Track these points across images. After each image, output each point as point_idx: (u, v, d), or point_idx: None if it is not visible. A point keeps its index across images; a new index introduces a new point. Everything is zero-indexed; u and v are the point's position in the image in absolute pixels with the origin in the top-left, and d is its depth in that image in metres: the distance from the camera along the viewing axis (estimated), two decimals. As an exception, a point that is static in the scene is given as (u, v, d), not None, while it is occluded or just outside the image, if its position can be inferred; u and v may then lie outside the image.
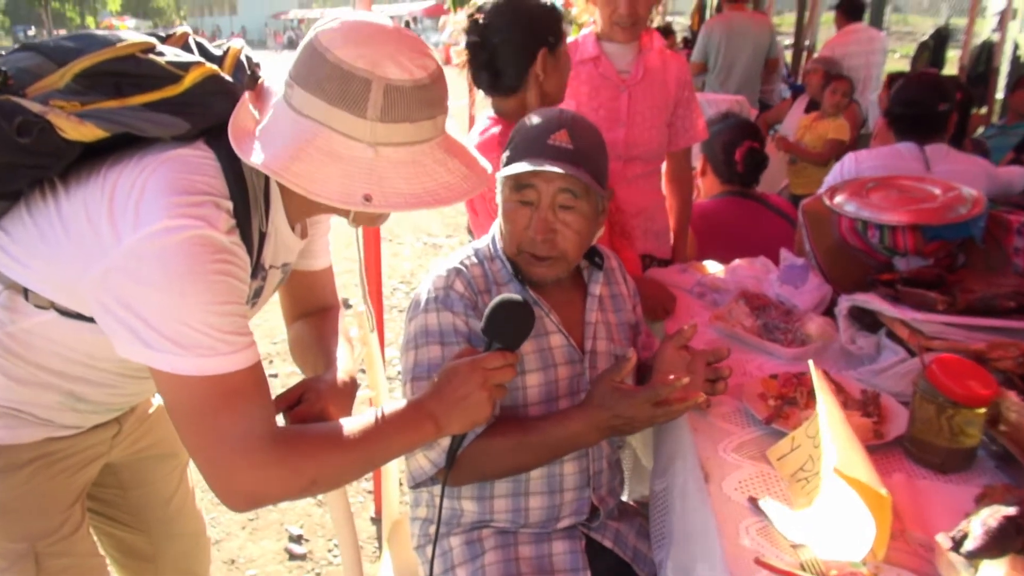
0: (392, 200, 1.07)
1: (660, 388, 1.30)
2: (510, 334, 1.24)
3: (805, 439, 1.32)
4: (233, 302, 1.07)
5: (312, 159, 1.06)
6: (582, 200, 1.44)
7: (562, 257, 1.47)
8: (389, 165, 1.08)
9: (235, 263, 1.08)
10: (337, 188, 1.05)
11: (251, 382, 1.08)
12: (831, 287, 2.04)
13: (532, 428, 1.40)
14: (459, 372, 1.20)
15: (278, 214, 1.25)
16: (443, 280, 1.48)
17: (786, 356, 1.84)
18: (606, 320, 1.61)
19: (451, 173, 1.14)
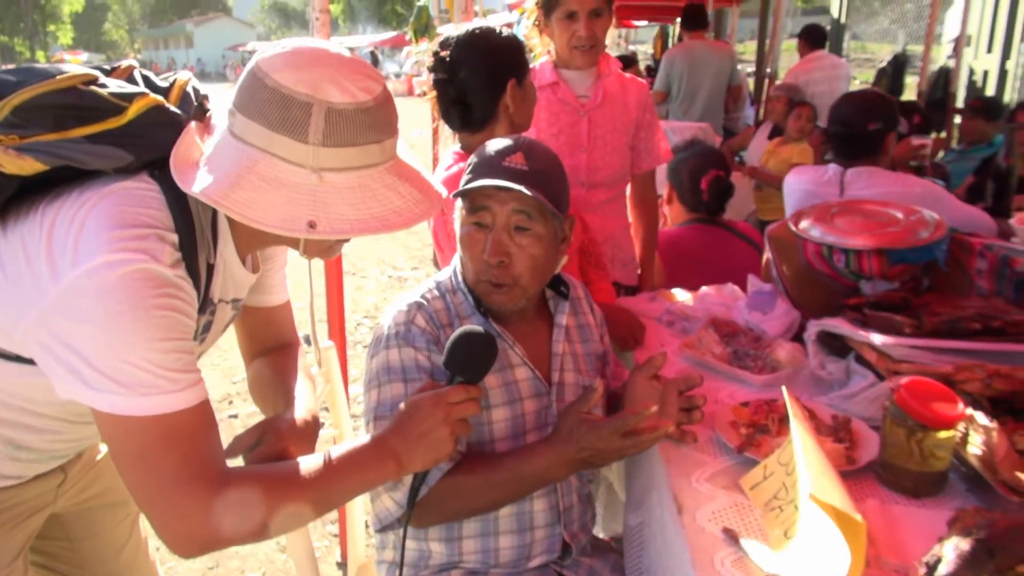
0: (337, 226, 1.07)
1: (628, 418, 1.30)
2: (472, 367, 1.23)
3: (777, 467, 1.33)
4: (177, 338, 1.06)
5: (253, 186, 1.05)
6: (538, 223, 1.45)
7: (516, 284, 1.47)
8: (334, 191, 1.08)
9: (180, 297, 1.07)
10: (279, 215, 1.05)
11: (197, 421, 1.07)
12: (799, 312, 2.07)
13: (499, 465, 1.40)
14: (420, 407, 1.20)
15: (227, 247, 1.24)
16: (404, 315, 1.48)
17: (757, 383, 1.86)
18: (573, 351, 1.62)
19: (402, 198, 1.14)
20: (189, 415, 1.06)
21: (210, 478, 1.06)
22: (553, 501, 1.52)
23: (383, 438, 1.19)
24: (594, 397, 1.36)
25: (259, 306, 1.52)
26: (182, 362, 1.06)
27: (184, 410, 1.05)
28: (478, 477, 1.38)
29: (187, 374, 1.07)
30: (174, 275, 1.07)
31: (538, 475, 1.38)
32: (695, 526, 1.30)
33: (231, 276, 1.29)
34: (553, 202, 1.45)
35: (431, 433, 1.18)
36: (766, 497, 1.32)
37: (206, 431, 1.08)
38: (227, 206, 1.05)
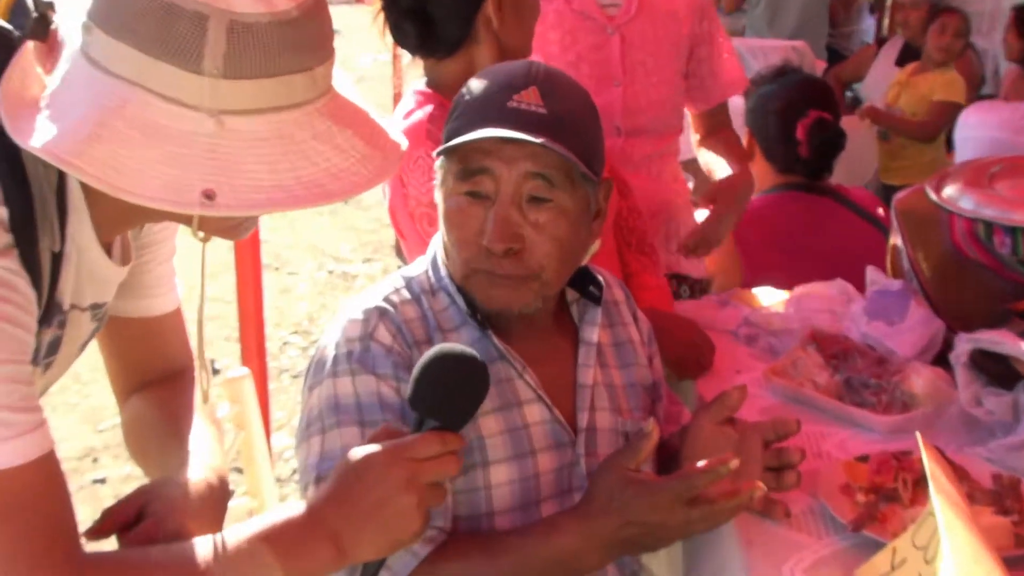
0: (246, 197, 1.07)
1: (696, 477, 1.31)
2: (451, 405, 1.23)
3: (912, 551, 1.34)
4: (10, 360, 1.07)
5: (120, 137, 1.05)
6: (562, 192, 1.45)
7: (535, 276, 1.47)
8: (241, 143, 1.08)
9: (12, 301, 1.08)
10: (159, 180, 1.05)
11: (40, 482, 1.07)
12: (943, 322, 2.08)
13: (503, 547, 1.40)
14: (373, 465, 1.19)
15: (81, 227, 1.24)
16: (360, 326, 1.48)
17: (881, 428, 1.86)
18: (609, 381, 1.62)
19: (341, 153, 1.14)
20: (27, 473, 1.06)
21: (56, 566, 1.05)
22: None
23: (315, 509, 1.19)
24: (646, 446, 1.37)
25: (135, 316, 1.53)
26: (16, 396, 1.06)
27: (20, 467, 1.05)
28: (471, 565, 1.38)
29: (23, 414, 1.07)
30: (3, 268, 1.07)
31: (561, 562, 1.38)
32: (789, 640, 1.31)
33: (89, 271, 1.29)
34: (585, 160, 1.45)
35: (388, 504, 1.17)
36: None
37: (52, 496, 1.09)
38: (81, 167, 1.04)
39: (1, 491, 1.04)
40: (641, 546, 1.38)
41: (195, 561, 1.13)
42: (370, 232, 7.76)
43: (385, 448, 1.20)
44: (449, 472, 1.20)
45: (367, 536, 1.18)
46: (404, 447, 1.20)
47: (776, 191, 3.01)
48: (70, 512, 1.12)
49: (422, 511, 1.18)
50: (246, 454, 2.03)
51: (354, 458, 1.21)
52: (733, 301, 2.46)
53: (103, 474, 4.18)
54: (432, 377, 1.22)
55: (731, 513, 1.34)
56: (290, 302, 6.30)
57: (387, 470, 1.18)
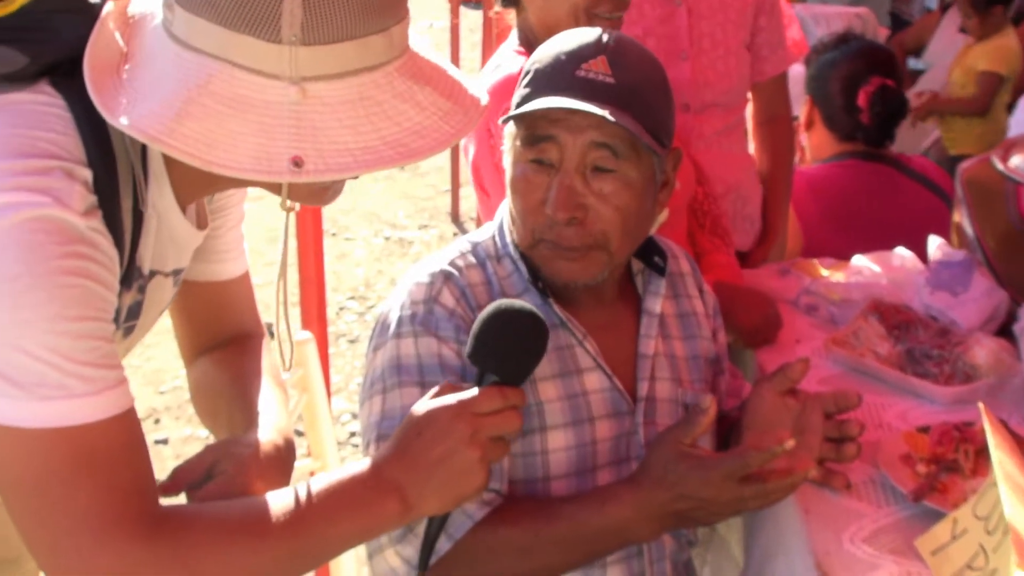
0: (335, 160, 1.08)
1: (751, 455, 1.31)
2: (511, 359, 1.24)
3: (973, 522, 1.33)
4: (92, 317, 1.08)
5: (208, 112, 1.07)
6: (627, 161, 1.46)
7: (600, 246, 1.48)
8: (325, 109, 1.09)
9: (96, 259, 1.09)
10: (249, 152, 1.06)
11: (121, 439, 1.09)
12: (1007, 293, 2.06)
13: (556, 514, 1.41)
14: (435, 421, 1.20)
15: (162, 192, 1.26)
16: (424, 289, 1.50)
17: (943, 399, 1.85)
18: (670, 352, 1.63)
19: (423, 111, 1.14)
20: (108, 429, 1.07)
21: (137, 520, 1.07)
22: (636, 570, 1.54)
23: (380, 467, 1.20)
24: (703, 421, 1.37)
25: (206, 280, 1.55)
26: (99, 353, 1.07)
27: (101, 422, 1.07)
28: (525, 530, 1.40)
29: (106, 370, 1.08)
30: (87, 227, 1.09)
31: (614, 532, 1.40)
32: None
33: (169, 235, 1.31)
34: (651, 131, 1.45)
35: (451, 458, 1.18)
36: (956, 566, 1.33)
37: (131, 452, 1.10)
38: (173, 145, 1.06)
39: (83, 445, 1.06)
40: (693, 520, 1.39)
41: (267, 515, 1.16)
42: (426, 199, 7.79)
43: (447, 403, 1.21)
44: (511, 427, 1.21)
45: (431, 490, 1.19)
46: (466, 402, 1.20)
47: (836, 159, 2.98)
48: (148, 468, 1.14)
49: (485, 465, 1.19)
50: (308, 417, 2.06)
51: (417, 414, 1.22)
52: (793, 271, 2.44)
53: (165, 435, 4.25)
54: (492, 331, 1.23)
55: (784, 492, 1.35)
56: (347, 267, 6.34)
57: (450, 425, 1.19)
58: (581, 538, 1.40)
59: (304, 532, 1.16)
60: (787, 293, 2.34)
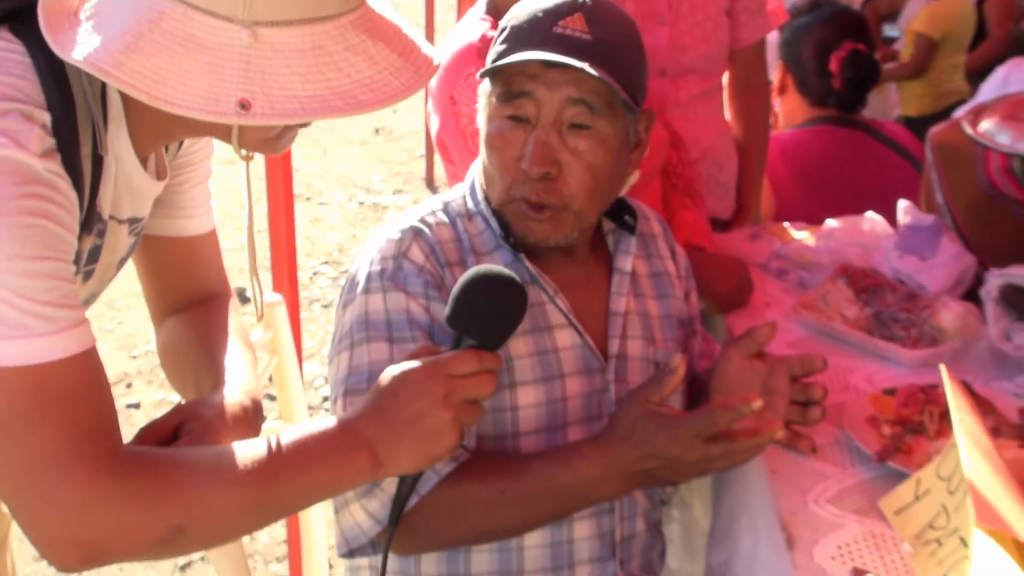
0: (281, 106, 1.08)
1: (719, 414, 1.31)
2: (490, 325, 1.25)
3: (936, 482, 1.35)
4: (52, 257, 1.08)
5: (159, 49, 1.07)
6: (603, 118, 1.46)
7: (567, 206, 1.48)
8: (275, 54, 1.09)
9: (54, 200, 1.10)
10: (197, 92, 1.07)
11: (81, 378, 1.09)
12: (975, 258, 2.07)
13: (523, 471, 1.42)
14: (410, 381, 1.21)
15: (119, 136, 1.26)
16: (394, 245, 1.50)
17: (909, 362, 1.87)
18: (643, 310, 1.63)
19: (374, 64, 1.15)
20: (69, 368, 1.08)
21: (103, 457, 1.08)
22: (606, 527, 1.55)
23: (353, 422, 1.21)
24: (671, 380, 1.37)
25: (172, 235, 1.55)
26: (58, 293, 1.08)
27: (62, 361, 1.07)
28: (491, 487, 1.41)
29: (66, 310, 1.08)
30: (45, 169, 1.09)
31: (581, 489, 1.40)
32: (812, 566, 1.33)
33: (126, 182, 1.31)
34: (627, 88, 1.46)
35: (424, 418, 1.19)
36: (918, 526, 1.34)
37: (94, 391, 1.11)
38: (121, 78, 1.06)
39: (43, 384, 1.06)
40: (659, 479, 1.39)
41: (236, 460, 1.16)
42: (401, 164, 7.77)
43: (422, 364, 1.22)
44: (485, 390, 1.22)
45: (403, 449, 1.20)
46: (441, 363, 1.21)
47: (809, 125, 2.98)
48: (110, 406, 1.14)
49: (457, 427, 1.21)
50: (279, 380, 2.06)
51: (391, 374, 1.23)
52: (764, 235, 2.45)
53: (137, 399, 4.25)
54: (471, 296, 1.24)
55: (751, 452, 1.35)
56: (321, 232, 6.34)
57: (423, 385, 1.20)
58: (547, 495, 1.41)
59: (273, 480, 1.16)
60: (757, 257, 2.34)
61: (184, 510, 1.11)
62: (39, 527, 1.07)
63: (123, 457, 1.11)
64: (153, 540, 1.10)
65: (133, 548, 1.11)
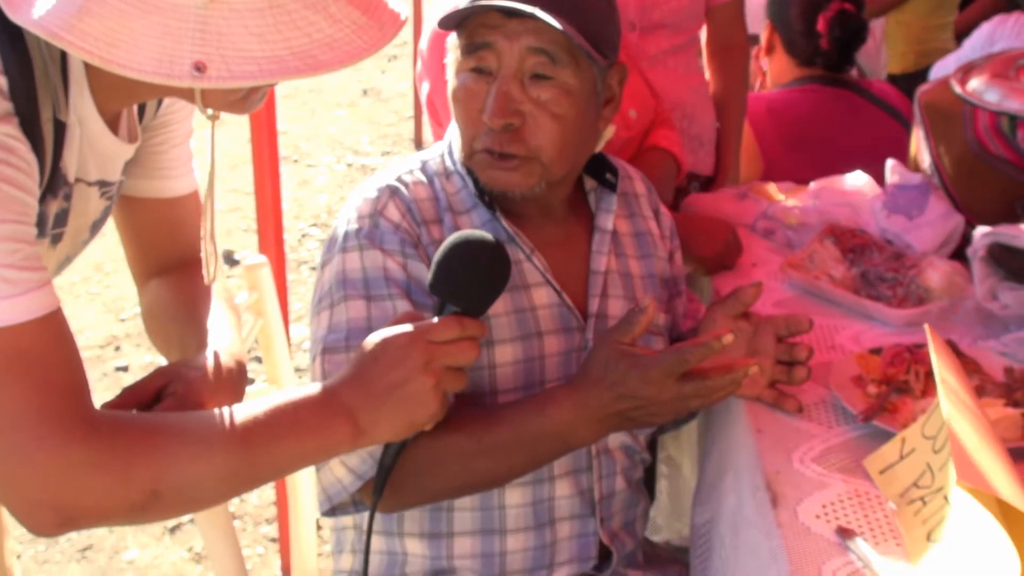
0: (238, 68, 1.06)
1: (690, 351, 1.30)
2: (472, 291, 1.24)
3: (921, 441, 1.35)
4: (11, 220, 1.08)
5: (111, 11, 1.04)
6: (565, 69, 1.44)
7: (534, 157, 1.47)
8: (232, 15, 1.06)
9: (12, 164, 1.09)
10: (151, 54, 1.04)
11: (48, 339, 1.09)
12: (963, 217, 2.07)
13: (498, 419, 1.42)
14: (391, 347, 1.20)
15: (82, 97, 1.25)
16: (371, 204, 1.50)
17: (895, 321, 1.86)
18: (625, 270, 1.63)
19: (335, 23, 1.11)
20: (34, 330, 1.07)
21: (74, 419, 1.07)
22: (585, 485, 1.55)
23: (333, 388, 1.21)
24: (642, 320, 1.36)
25: (153, 197, 1.54)
26: (20, 255, 1.07)
27: (27, 323, 1.07)
28: (468, 436, 1.40)
29: (28, 272, 1.08)
30: (2, 133, 1.08)
31: (556, 434, 1.39)
32: (796, 525, 1.33)
33: (91, 144, 1.30)
34: (591, 39, 1.43)
35: (405, 385, 1.19)
36: (903, 485, 1.34)
37: (62, 352, 1.11)
38: (72, 42, 1.04)
39: (8, 348, 1.06)
40: (634, 420, 1.38)
41: (213, 425, 1.16)
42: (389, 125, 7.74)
43: (404, 331, 1.21)
44: (467, 357, 1.22)
45: (384, 416, 1.20)
46: (423, 330, 1.21)
47: (796, 84, 2.97)
48: (80, 369, 1.13)
49: (439, 394, 1.20)
50: (265, 342, 2.05)
51: (373, 340, 1.22)
52: (751, 195, 2.44)
53: (125, 362, 4.25)
54: (454, 262, 1.23)
55: (726, 390, 1.33)
56: (309, 194, 6.32)
57: (405, 351, 1.19)
58: (523, 442, 1.40)
59: (250, 446, 1.16)
60: (744, 217, 2.34)
61: (159, 475, 1.11)
62: (13, 490, 1.07)
63: (96, 420, 1.10)
64: (128, 504, 1.10)
65: (108, 512, 1.11)
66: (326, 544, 2.90)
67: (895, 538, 1.29)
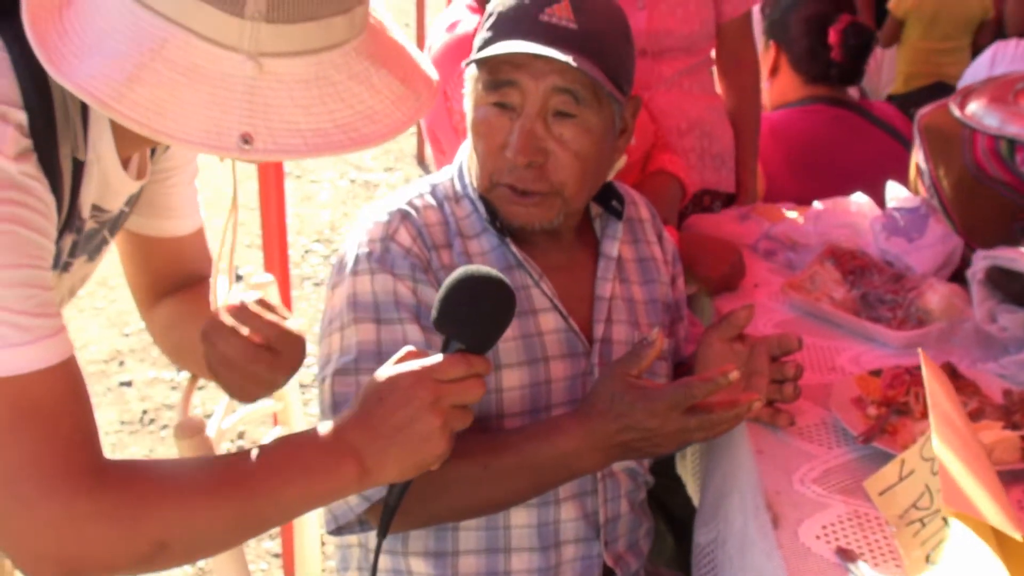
0: (285, 141, 1.06)
1: (696, 385, 1.32)
2: (478, 328, 1.23)
3: (920, 463, 1.36)
4: (26, 265, 1.07)
5: (160, 79, 1.03)
6: (588, 108, 1.47)
7: (556, 192, 1.49)
8: (279, 86, 1.06)
9: (29, 205, 1.08)
10: (199, 124, 1.04)
11: (60, 388, 1.09)
12: (962, 239, 2.08)
13: (507, 446, 1.43)
14: (398, 387, 1.18)
15: (101, 136, 1.25)
16: (381, 228, 1.51)
17: (895, 343, 1.88)
18: (628, 295, 1.64)
19: (376, 94, 1.12)
20: (47, 378, 1.07)
21: (81, 471, 1.07)
22: (590, 508, 1.57)
23: (339, 429, 1.20)
24: (649, 353, 1.38)
25: (160, 235, 1.55)
26: (34, 301, 1.07)
27: (40, 371, 1.06)
28: (474, 463, 1.41)
29: (43, 319, 1.07)
30: (19, 172, 1.07)
31: (562, 462, 1.41)
32: (797, 545, 1.34)
33: (103, 179, 1.30)
34: (612, 78, 1.46)
35: (412, 425, 1.17)
36: (902, 506, 1.36)
37: (73, 402, 1.10)
38: (123, 112, 1.03)
39: (21, 396, 1.05)
40: (638, 451, 1.39)
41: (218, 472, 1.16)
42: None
43: (410, 370, 1.19)
44: (474, 395, 1.20)
45: (391, 456, 1.18)
46: (429, 369, 1.19)
47: (799, 104, 2.98)
48: (90, 418, 1.13)
49: (446, 433, 1.19)
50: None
51: (379, 379, 1.21)
52: (753, 215, 2.46)
53: (129, 377, 4.25)
54: (459, 298, 1.21)
55: (729, 424, 1.36)
56: (312, 210, 6.32)
57: (412, 391, 1.17)
58: (529, 469, 1.42)
59: (256, 494, 1.15)
60: (747, 238, 2.35)
61: (166, 526, 1.10)
62: (19, 542, 1.07)
63: (104, 471, 1.10)
64: (135, 556, 1.10)
65: (114, 564, 1.10)
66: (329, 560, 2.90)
67: (895, 560, 1.30)
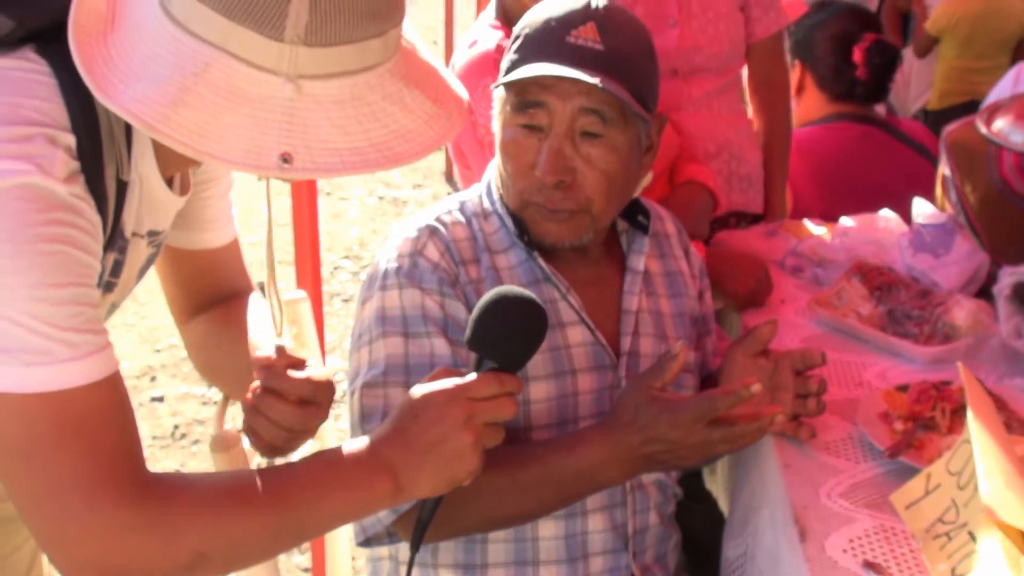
0: (322, 160, 1.08)
1: (719, 398, 1.34)
2: (511, 348, 1.24)
3: (946, 477, 1.37)
4: (75, 283, 1.09)
5: (204, 103, 1.07)
6: (615, 127, 1.49)
7: (585, 210, 1.52)
8: (317, 107, 1.09)
9: (78, 226, 1.11)
10: (240, 145, 1.07)
11: (105, 402, 1.11)
12: (988, 256, 2.09)
13: (531, 458, 1.45)
14: (432, 404, 1.20)
15: (144, 157, 1.27)
16: (410, 243, 1.54)
17: (922, 358, 1.89)
18: (655, 309, 1.66)
19: (409, 114, 1.15)
20: (93, 394, 1.09)
21: (124, 484, 1.09)
22: (619, 520, 1.58)
23: (374, 446, 1.22)
24: (673, 366, 1.39)
25: (196, 249, 1.57)
26: (82, 318, 1.09)
27: (86, 386, 1.08)
28: (500, 474, 1.42)
29: (90, 335, 1.09)
30: (69, 193, 1.09)
31: (585, 474, 1.42)
32: (824, 558, 1.35)
33: (149, 199, 1.33)
34: (638, 97, 1.48)
35: (445, 442, 1.19)
36: (928, 520, 1.36)
37: (117, 416, 1.12)
38: (168, 134, 1.06)
39: (67, 411, 1.08)
40: (661, 464, 1.41)
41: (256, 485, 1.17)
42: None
43: (443, 388, 1.21)
44: (506, 413, 1.22)
45: (424, 472, 1.20)
46: (462, 387, 1.21)
47: (826, 121, 2.99)
48: (135, 433, 1.15)
49: (478, 450, 1.21)
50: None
51: (413, 397, 1.23)
52: (781, 232, 2.47)
53: (161, 392, 4.28)
54: (493, 319, 1.23)
55: (752, 436, 1.37)
56: (341, 227, 6.36)
57: (445, 409, 1.20)
58: (554, 480, 1.43)
59: (294, 506, 1.18)
60: (774, 254, 2.36)
61: (205, 538, 1.13)
62: (63, 553, 1.09)
63: (147, 483, 1.12)
64: (176, 566, 1.12)
65: (156, 574, 1.13)
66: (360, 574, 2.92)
67: (921, 573, 1.31)
